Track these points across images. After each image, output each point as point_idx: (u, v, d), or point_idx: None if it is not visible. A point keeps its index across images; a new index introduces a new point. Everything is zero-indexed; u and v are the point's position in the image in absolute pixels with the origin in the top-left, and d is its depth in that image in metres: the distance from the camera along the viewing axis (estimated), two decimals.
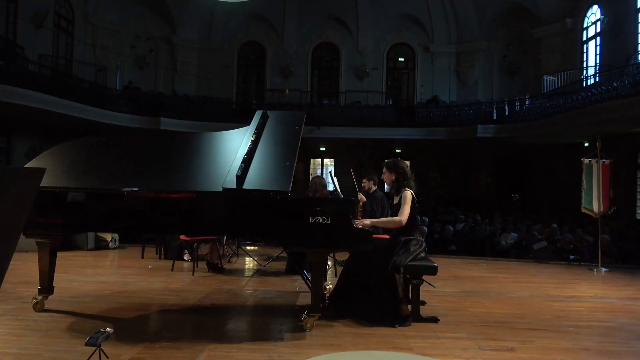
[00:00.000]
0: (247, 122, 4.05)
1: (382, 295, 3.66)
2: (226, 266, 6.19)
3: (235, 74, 18.33)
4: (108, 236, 7.58)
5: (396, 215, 3.85)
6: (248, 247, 8.04)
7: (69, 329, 3.38)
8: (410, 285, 3.85)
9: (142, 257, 6.77)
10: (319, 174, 16.38)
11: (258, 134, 3.86)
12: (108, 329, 2.53)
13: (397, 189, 3.98)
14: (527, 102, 14.47)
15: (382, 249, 3.74)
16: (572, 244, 8.48)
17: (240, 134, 3.94)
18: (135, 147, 4.13)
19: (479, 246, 9.64)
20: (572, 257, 8.04)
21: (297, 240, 3.48)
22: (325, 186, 5.78)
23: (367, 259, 3.75)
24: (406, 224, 3.83)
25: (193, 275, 5.54)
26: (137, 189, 3.57)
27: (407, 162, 4.34)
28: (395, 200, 3.99)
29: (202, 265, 5.99)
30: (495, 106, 14.89)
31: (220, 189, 3.40)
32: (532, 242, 8.87)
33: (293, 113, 4.70)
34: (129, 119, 14.23)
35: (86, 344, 2.45)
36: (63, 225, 3.67)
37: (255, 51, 18.37)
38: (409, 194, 3.87)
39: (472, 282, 5.76)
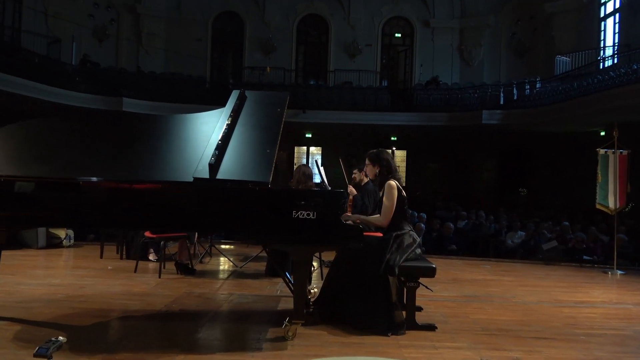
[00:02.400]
0: (221, 104, 4.02)
1: (373, 300, 3.67)
2: (197, 267, 6.17)
3: (209, 49, 18.17)
4: (61, 232, 7.49)
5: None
6: (222, 246, 8.02)
7: (16, 339, 3.33)
8: (405, 289, 3.87)
9: (101, 257, 6.71)
10: (304, 163, 16.37)
11: (234, 117, 3.83)
12: (61, 338, 2.50)
13: (381, 182, 4.01)
14: (537, 86, 14.62)
15: (373, 248, 3.76)
16: (585, 243, 8.62)
17: (214, 117, 3.91)
18: (93, 130, 4.06)
19: (482, 246, 9.74)
20: (584, 258, 8.18)
21: (278, 237, 3.47)
22: (310, 177, 5.77)
23: (357, 259, 3.76)
24: (394, 217, 3.86)
25: (159, 277, 5.51)
26: (94, 179, 3.52)
27: (402, 152, 4.37)
28: (380, 195, 4.02)
29: (170, 266, 5.96)
30: (502, 89, 15.01)
31: (191, 179, 3.37)
32: (541, 241, 8.99)
33: (275, 94, 4.67)
34: (86, 99, 14.02)
35: (35, 355, 2.42)
36: (8, 220, 3.60)
37: (233, 23, 18.21)
38: (392, 183, 3.91)
39: (473, 285, 5.81)
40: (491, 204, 14.13)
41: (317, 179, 6.53)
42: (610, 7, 14.29)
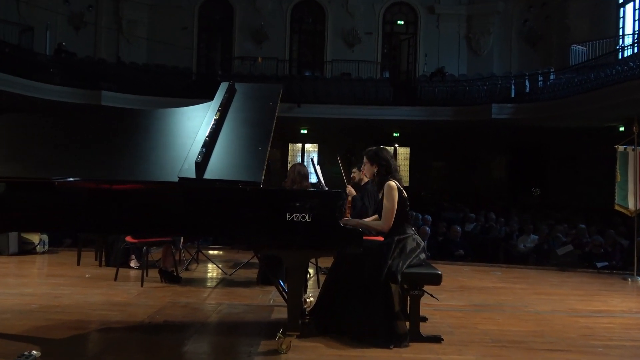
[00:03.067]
0: (209, 97, 4.01)
1: (373, 310, 3.68)
2: (183, 275, 6.16)
3: (196, 37, 18.13)
4: (35, 238, 7.45)
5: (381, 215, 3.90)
6: (210, 252, 8.00)
7: None
8: (408, 298, 3.88)
9: (78, 264, 6.68)
10: (299, 162, 16.36)
11: (223, 111, 3.82)
12: (34, 352, 2.50)
13: (380, 183, 4.02)
14: (551, 77, 14.65)
15: (374, 253, 3.76)
16: (603, 248, 8.65)
17: (201, 112, 3.90)
18: (69, 126, 4.07)
19: (492, 251, 9.75)
20: (602, 263, 8.20)
21: (271, 242, 3.46)
22: (306, 176, 5.76)
23: (356, 265, 3.76)
24: (395, 220, 3.86)
25: (142, 285, 5.49)
26: (71, 179, 3.50)
27: (405, 149, 4.39)
28: (380, 197, 4.03)
29: (154, 273, 5.94)
30: (513, 81, 15.03)
31: (176, 179, 3.36)
32: (555, 245, 9.01)
33: (267, 86, 4.67)
34: (61, 92, 13.97)
35: None
36: None
37: (221, 10, 18.18)
38: (392, 184, 3.92)
39: (482, 293, 5.83)
40: (502, 205, 14.16)
41: (313, 179, 6.52)
42: None
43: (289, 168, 6.20)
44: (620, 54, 13.51)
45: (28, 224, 3.92)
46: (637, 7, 14.07)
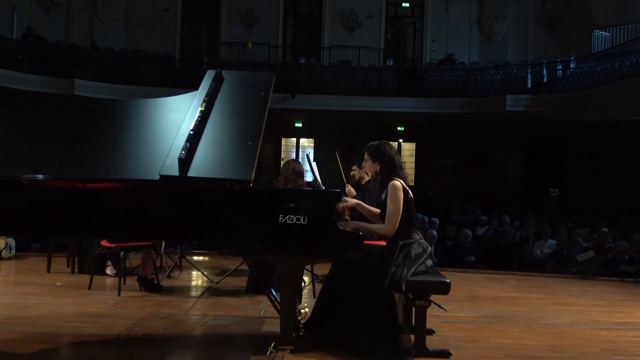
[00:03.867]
0: (194, 87, 4.02)
1: (375, 321, 3.68)
2: (164, 283, 6.15)
3: (179, 20, 18.09)
4: (0, 242, 7.45)
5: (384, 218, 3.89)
6: (195, 257, 8.00)
7: None
8: (413, 308, 3.88)
9: (48, 271, 6.67)
10: (294, 158, 16.36)
11: (209, 102, 3.82)
12: None
13: (383, 183, 4.01)
14: (571, 66, 14.68)
15: (375, 259, 3.76)
16: (627, 254, 8.67)
17: (185, 103, 3.91)
18: (38, 119, 4.06)
19: (506, 257, 9.78)
20: (625, 270, 8.23)
21: (262, 246, 3.47)
22: (301, 174, 5.77)
23: (356, 272, 3.76)
24: (400, 223, 3.85)
25: (119, 295, 5.49)
26: (41, 177, 3.51)
27: (411, 145, 4.40)
28: (383, 197, 4.02)
29: (132, 281, 5.94)
30: (529, 70, 15.06)
31: (157, 177, 3.37)
32: (575, 251, 9.04)
33: (258, 75, 4.69)
34: (30, 81, 13.94)
35: None
36: None
37: None
38: (396, 184, 3.89)
39: (495, 304, 5.84)
40: (516, 207, 14.19)
41: (308, 177, 6.53)
42: None
43: (282, 165, 6.20)
44: None
45: None
46: None
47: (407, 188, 3.96)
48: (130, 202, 3.50)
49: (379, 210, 4.11)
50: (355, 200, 4.22)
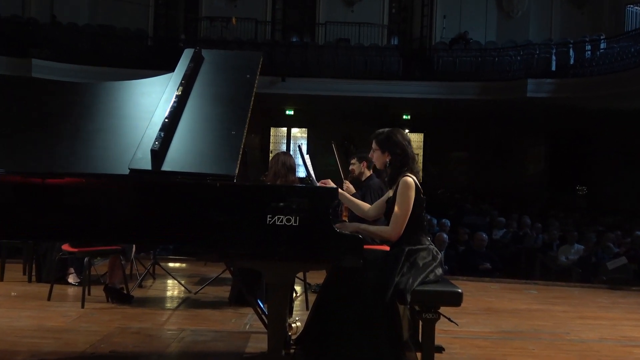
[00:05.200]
0: (169, 68, 4.01)
1: (376, 337, 3.67)
2: (135, 293, 6.16)
3: None
4: None
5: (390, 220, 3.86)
6: (170, 264, 8.00)
7: None
8: (420, 322, 3.88)
9: (2, 280, 6.69)
10: (284, 151, 16.36)
11: (187, 85, 3.81)
12: None
13: (393, 177, 3.97)
14: (601, 46, 14.71)
15: (377, 266, 3.76)
16: None
17: (159, 86, 3.89)
18: None
19: (526, 264, 9.81)
20: None
21: (247, 251, 3.45)
22: (292, 169, 5.77)
23: (355, 281, 3.76)
24: (408, 226, 3.84)
25: (82, 307, 5.49)
26: None
27: (418, 136, 4.39)
28: (390, 194, 4.00)
29: (98, 291, 5.94)
30: (554, 50, 15.08)
31: (127, 171, 3.36)
32: (605, 258, 9.07)
33: (243, 55, 4.68)
34: None
35: None
36: None
37: None
38: (409, 181, 3.85)
39: (514, 317, 5.86)
40: (539, 207, 14.24)
41: (301, 173, 6.52)
42: None
43: (271, 159, 6.20)
44: None
45: None
46: None
47: (419, 186, 3.93)
48: (96, 200, 3.48)
49: (368, 205, 4.11)
50: (355, 225, 4.00)
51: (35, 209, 3.50)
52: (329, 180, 4.35)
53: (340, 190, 4.12)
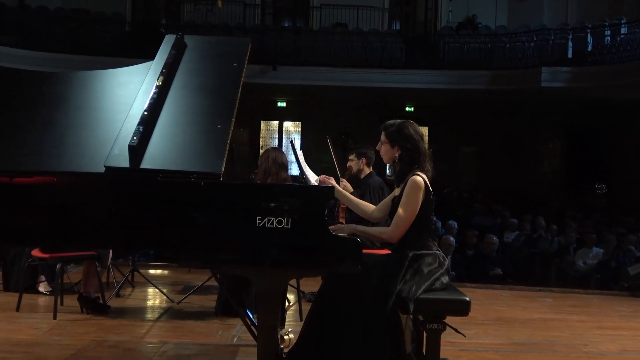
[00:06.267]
0: (149, 56, 4.01)
1: (376, 350, 3.69)
2: (112, 303, 6.15)
3: None
4: None
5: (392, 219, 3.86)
6: (151, 271, 7.99)
7: None
8: (424, 333, 3.90)
9: None
10: (275, 147, 16.36)
11: (169, 74, 3.81)
12: None
13: (401, 174, 3.97)
14: (622, 31, 14.73)
15: (377, 272, 3.77)
16: None
17: (138, 75, 3.89)
18: None
19: (541, 269, 9.83)
20: None
21: (234, 256, 3.46)
22: (284, 166, 5.78)
23: (353, 289, 3.77)
24: (413, 229, 3.84)
25: (54, 318, 5.48)
26: None
27: (423, 129, 4.38)
28: (397, 193, 4.00)
29: (72, 300, 5.93)
30: (570, 36, 15.10)
31: (102, 169, 3.36)
32: (627, 262, 9.10)
33: (230, 41, 4.67)
34: None
35: None
36: None
37: None
38: (419, 181, 3.84)
39: (527, 327, 5.87)
40: (554, 207, 14.26)
41: (294, 170, 6.53)
42: None
43: (261, 155, 6.21)
44: None
45: None
46: None
47: (429, 185, 3.92)
48: (68, 200, 3.49)
49: (371, 206, 4.11)
50: (352, 227, 4.01)
51: (2, 211, 3.51)
52: (331, 178, 4.37)
53: (339, 188, 4.13)
